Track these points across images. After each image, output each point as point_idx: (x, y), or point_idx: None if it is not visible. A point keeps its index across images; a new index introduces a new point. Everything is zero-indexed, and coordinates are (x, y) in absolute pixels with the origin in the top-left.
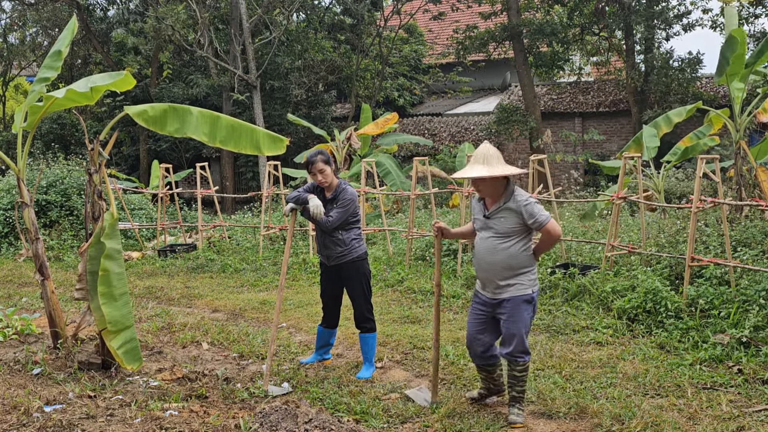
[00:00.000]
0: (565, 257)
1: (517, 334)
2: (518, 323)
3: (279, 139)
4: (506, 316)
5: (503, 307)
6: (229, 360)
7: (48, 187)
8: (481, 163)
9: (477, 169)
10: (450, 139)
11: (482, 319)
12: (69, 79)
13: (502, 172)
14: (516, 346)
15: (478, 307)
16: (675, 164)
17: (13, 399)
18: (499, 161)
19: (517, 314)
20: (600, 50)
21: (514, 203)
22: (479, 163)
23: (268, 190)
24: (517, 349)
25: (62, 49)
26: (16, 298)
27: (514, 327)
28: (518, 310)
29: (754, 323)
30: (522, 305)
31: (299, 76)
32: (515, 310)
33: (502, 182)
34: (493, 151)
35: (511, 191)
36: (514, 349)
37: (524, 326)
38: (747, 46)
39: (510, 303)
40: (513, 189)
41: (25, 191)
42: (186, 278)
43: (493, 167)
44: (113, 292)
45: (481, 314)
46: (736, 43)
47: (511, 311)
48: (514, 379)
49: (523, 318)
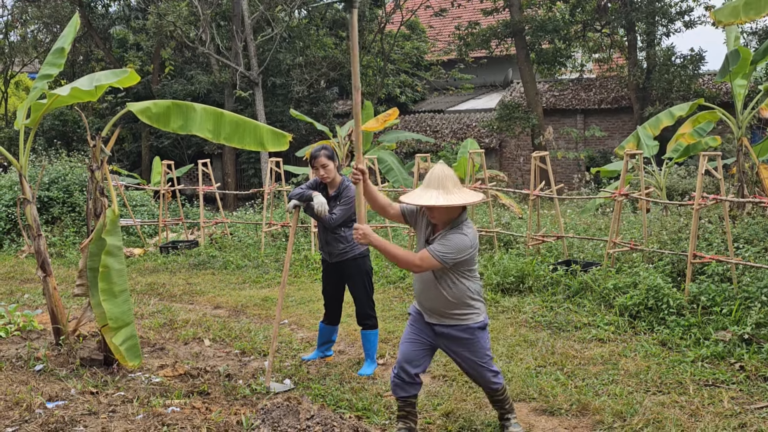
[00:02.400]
0: (567, 254)
1: (480, 365)
2: (477, 353)
3: (282, 135)
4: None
5: (453, 338)
6: (231, 356)
7: (50, 183)
8: (435, 188)
9: (431, 194)
10: (452, 135)
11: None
12: (71, 76)
13: (457, 200)
14: (486, 374)
15: (418, 327)
16: (677, 161)
17: (15, 395)
18: (455, 185)
19: (473, 344)
20: (602, 47)
21: (452, 232)
22: (434, 188)
23: (269, 187)
24: (488, 377)
25: (65, 46)
26: (18, 294)
27: (474, 359)
28: (472, 341)
29: (756, 320)
30: (477, 332)
31: (301, 72)
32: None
33: (457, 209)
34: (449, 172)
35: (461, 220)
36: (485, 378)
37: (484, 355)
38: (750, 48)
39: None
40: (464, 219)
41: (27, 188)
42: (188, 275)
43: (449, 193)
44: (113, 289)
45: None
46: (739, 58)
47: (464, 342)
48: (498, 402)
49: (478, 347)
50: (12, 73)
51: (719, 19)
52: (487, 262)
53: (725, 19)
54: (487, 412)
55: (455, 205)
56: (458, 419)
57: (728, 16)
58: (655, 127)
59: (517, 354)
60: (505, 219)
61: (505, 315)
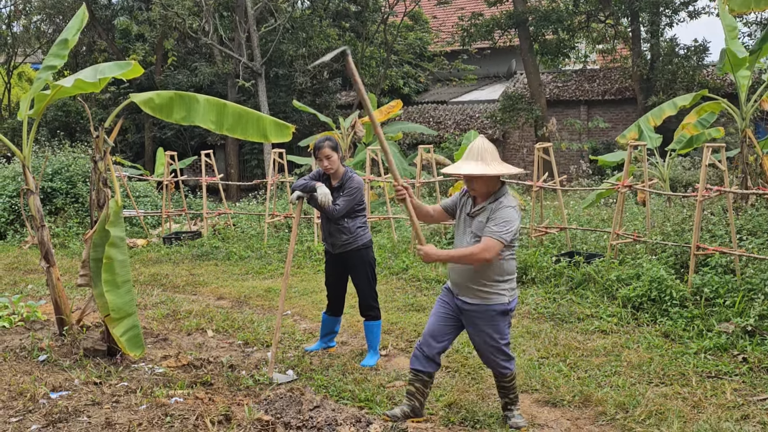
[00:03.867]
0: (570, 245)
1: (493, 347)
2: (493, 336)
3: (285, 126)
4: (476, 328)
5: (473, 317)
6: (234, 347)
7: (53, 174)
8: (475, 159)
9: (471, 165)
10: (455, 127)
11: (448, 317)
12: (74, 67)
13: (497, 170)
14: (497, 358)
15: (447, 302)
16: (680, 153)
17: (19, 385)
18: (494, 158)
19: (489, 326)
20: (606, 38)
21: (496, 204)
22: (473, 159)
23: (273, 178)
24: (499, 360)
25: (69, 37)
26: (22, 285)
27: (488, 341)
28: (490, 323)
29: (759, 312)
30: (497, 317)
31: (304, 63)
32: (487, 323)
33: (497, 181)
34: (489, 146)
35: (503, 192)
36: (495, 362)
37: (501, 338)
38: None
39: (484, 314)
40: (505, 191)
41: (31, 178)
42: (191, 266)
43: (488, 165)
44: (116, 280)
45: (449, 315)
46: (733, 56)
47: (482, 323)
48: (504, 389)
49: (499, 330)
50: (15, 63)
51: (732, 8)
52: None
53: (738, 9)
54: (489, 403)
55: (493, 174)
56: (461, 410)
57: (741, 5)
58: (658, 117)
59: (520, 345)
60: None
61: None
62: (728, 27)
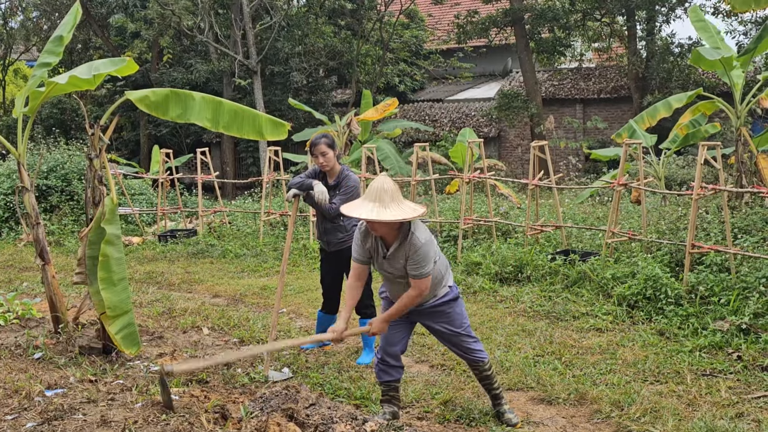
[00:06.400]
0: (565, 243)
1: (458, 333)
2: (454, 322)
3: (281, 124)
4: (436, 322)
5: (428, 314)
6: (230, 345)
7: (48, 172)
8: (375, 201)
9: (368, 208)
10: (451, 125)
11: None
12: (69, 64)
13: (391, 216)
14: (467, 341)
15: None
16: (675, 151)
17: (14, 383)
18: (393, 199)
19: (449, 316)
20: (602, 36)
21: (408, 243)
22: (373, 201)
23: (268, 176)
24: (469, 343)
25: (64, 34)
26: (17, 282)
27: (453, 328)
28: (448, 313)
29: (754, 310)
30: (450, 306)
31: (300, 61)
32: (444, 314)
33: (396, 223)
34: (389, 186)
35: (406, 231)
36: (466, 346)
37: (461, 324)
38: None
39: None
40: (410, 229)
41: (26, 176)
42: (186, 263)
43: (386, 208)
44: (112, 278)
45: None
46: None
47: (440, 316)
48: (487, 379)
49: (455, 317)
50: (10, 60)
51: (733, 6)
52: (486, 251)
53: (739, 7)
54: (485, 401)
55: (385, 220)
56: (456, 408)
57: (742, 4)
58: (653, 117)
59: (516, 343)
60: (503, 208)
61: (504, 304)
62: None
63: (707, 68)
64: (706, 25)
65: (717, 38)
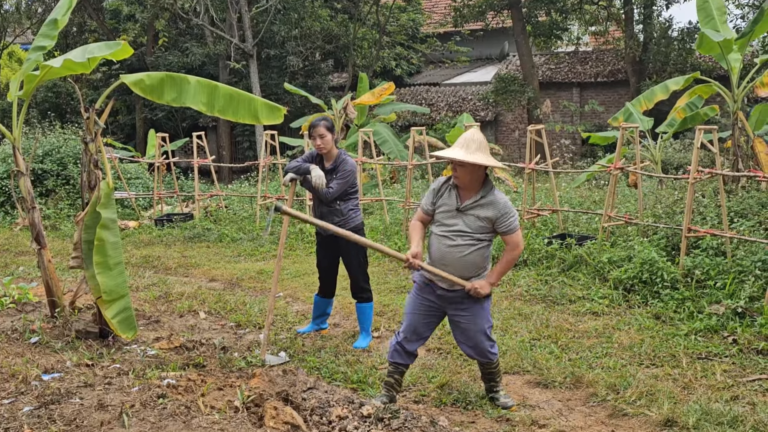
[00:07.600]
0: (562, 227)
1: (482, 331)
2: (482, 319)
3: (277, 108)
4: (467, 313)
5: (462, 303)
6: (227, 329)
7: (44, 155)
8: (462, 148)
9: (459, 152)
10: (447, 109)
11: (431, 312)
12: (64, 47)
13: (485, 161)
14: (485, 343)
15: (428, 297)
16: (672, 134)
17: (11, 367)
18: (482, 150)
19: (480, 311)
20: (599, 19)
21: (492, 199)
22: (461, 148)
23: (264, 160)
24: (486, 346)
25: (59, 18)
26: (13, 267)
27: (479, 324)
28: (479, 307)
29: (750, 294)
30: (482, 301)
31: (296, 45)
32: (476, 307)
33: (481, 173)
34: (479, 137)
35: (489, 187)
36: (483, 347)
37: (487, 322)
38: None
39: (470, 299)
40: (492, 185)
41: (21, 160)
42: (183, 247)
43: (472, 154)
44: (108, 262)
45: (431, 310)
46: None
47: (472, 308)
48: (491, 374)
49: (484, 314)
50: (5, 44)
51: None
52: None
53: None
54: (481, 384)
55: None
56: (453, 391)
57: None
58: (650, 101)
59: (512, 327)
60: None
61: (500, 288)
62: (718, 10)
63: (705, 52)
64: (708, 5)
65: (718, 20)
